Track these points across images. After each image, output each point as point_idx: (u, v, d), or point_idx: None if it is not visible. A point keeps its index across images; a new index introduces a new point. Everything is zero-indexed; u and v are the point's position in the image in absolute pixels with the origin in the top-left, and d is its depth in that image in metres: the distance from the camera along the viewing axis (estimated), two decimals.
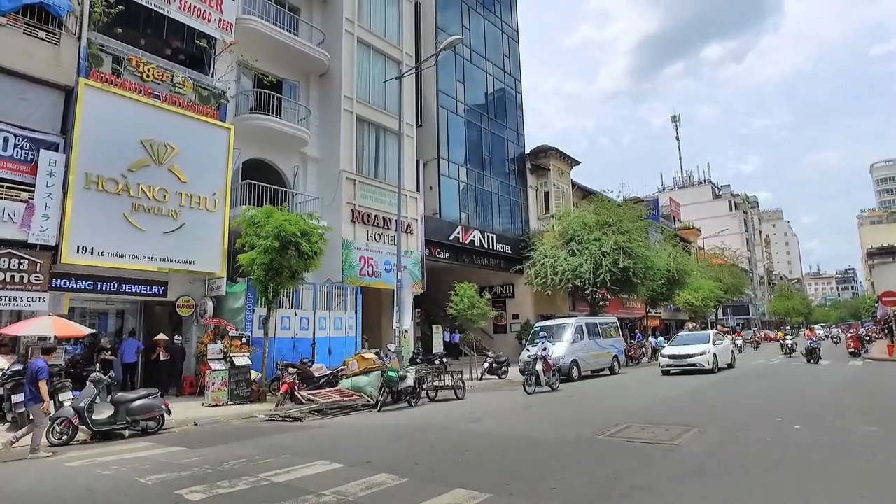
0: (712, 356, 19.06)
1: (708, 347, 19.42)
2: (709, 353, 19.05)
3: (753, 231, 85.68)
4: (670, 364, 19.53)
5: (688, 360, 19.07)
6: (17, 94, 12.17)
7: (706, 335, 21.40)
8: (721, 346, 20.67)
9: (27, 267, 11.70)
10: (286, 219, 13.34)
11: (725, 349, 21.14)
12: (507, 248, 27.09)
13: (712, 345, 19.59)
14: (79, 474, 6.66)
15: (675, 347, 20.41)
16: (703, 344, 19.82)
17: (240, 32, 16.42)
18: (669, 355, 19.87)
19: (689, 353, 19.34)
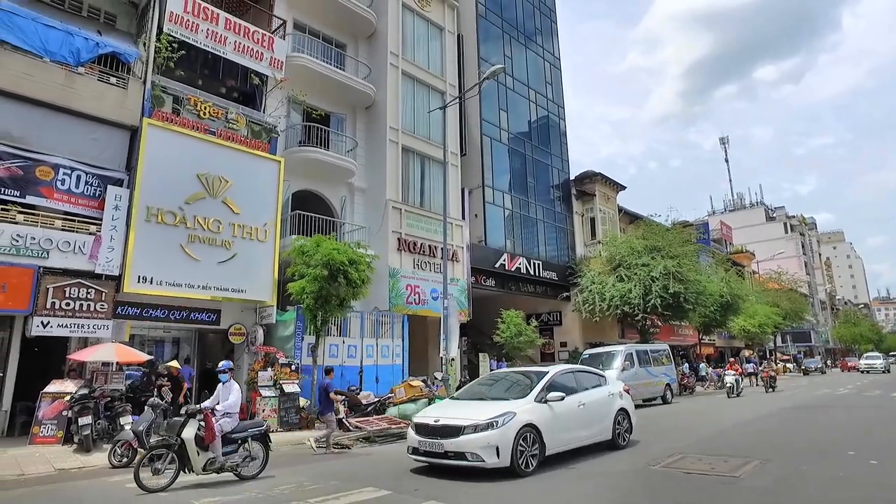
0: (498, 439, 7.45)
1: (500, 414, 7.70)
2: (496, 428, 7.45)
3: (812, 254, 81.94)
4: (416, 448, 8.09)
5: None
6: (89, 135, 13.04)
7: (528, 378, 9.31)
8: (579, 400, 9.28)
9: (94, 296, 12.33)
10: (335, 248, 13.64)
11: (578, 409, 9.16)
12: (554, 275, 26.80)
13: (533, 402, 8.13)
14: (139, 496, 6.87)
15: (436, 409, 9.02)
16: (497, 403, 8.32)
17: (290, 69, 17.14)
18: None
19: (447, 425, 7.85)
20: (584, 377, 9.70)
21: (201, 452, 7.37)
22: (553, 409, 8.16)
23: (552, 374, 8.97)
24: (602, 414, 9.27)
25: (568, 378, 9.27)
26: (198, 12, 14.95)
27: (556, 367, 9.81)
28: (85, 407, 10.14)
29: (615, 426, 9.43)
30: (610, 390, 9.80)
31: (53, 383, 11.21)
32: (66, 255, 11.99)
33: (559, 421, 8.20)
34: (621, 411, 9.69)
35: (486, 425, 7.39)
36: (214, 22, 15.31)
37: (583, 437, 8.77)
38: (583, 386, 9.31)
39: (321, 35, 19.81)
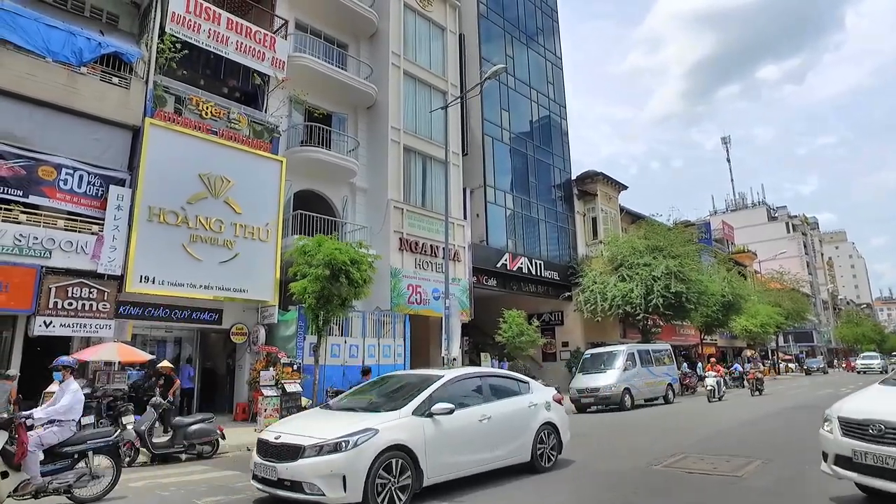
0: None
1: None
2: (343, 450, 5.83)
3: (814, 254, 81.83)
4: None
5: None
6: (91, 135, 13.07)
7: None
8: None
9: (96, 296, 12.36)
10: (336, 247, 13.63)
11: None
12: (556, 275, 26.78)
13: (410, 417, 6.52)
14: (142, 495, 6.88)
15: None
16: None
17: (292, 69, 17.15)
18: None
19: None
20: (497, 383, 7.95)
21: (11, 473, 5.82)
22: (440, 426, 6.44)
23: (445, 379, 7.10)
24: (517, 429, 7.50)
25: (469, 385, 7.49)
26: (199, 12, 14.97)
27: (456, 370, 8.02)
28: (87, 406, 10.14)
29: (536, 444, 7.64)
30: (532, 400, 7.98)
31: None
32: (68, 255, 12.02)
33: (448, 440, 6.48)
34: (547, 426, 7.92)
35: (333, 446, 5.65)
36: (216, 22, 15.33)
37: (486, 459, 6.98)
38: (492, 395, 7.54)
39: (323, 35, 19.82)
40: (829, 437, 5.43)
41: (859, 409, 5.28)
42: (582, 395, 18.34)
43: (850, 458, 5.06)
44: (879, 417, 4.94)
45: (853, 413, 5.27)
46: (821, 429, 5.65)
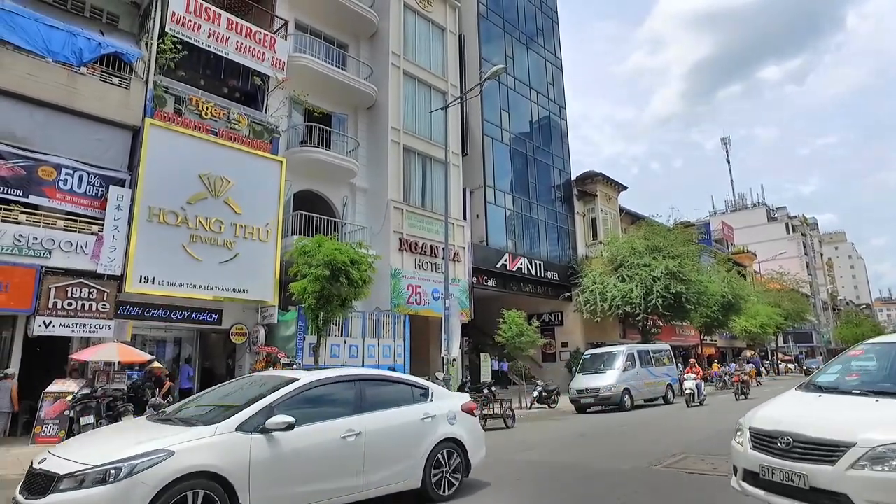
0: None
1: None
2: (111, 482, 4.32)
3: (814, 254, 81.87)
4: None
5: None
6: (91, 135, 13.06)
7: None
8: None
9: (96, 296, 12.35)
10: (336, 248, 13.64)
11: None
12: (555, 276, 26.79)
13: (232, 433, 5.04)
14: None
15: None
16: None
17: (291, 70, 17.15)
18: None
19: None
20: (379, 390, 6.24)
21: None
22: (276, 445, 4.97)
23: (300, 384, 5.55)
24: (403, 448, 5.98)
25: (336, 392, 5.88)
26: (200, 13, 14.97)
27: (322, 372, 6.18)
28: (87, 407, 10.16)
29: (430, 467, 6.10)
30: (428, 410, 6.35)
31: (55, 383, 11.23)
32: (68, 255, 12.02)
33: (289, 464, 5.01)
34: (448, 444, 6.37)
35: (97, 476, 4.19)
36: (216, 22, 15.33)
37: (350, 487, 5.44)
38: (369, 404, 5.89)
39: (323, 35, 19.82)
40: (738, 449, 4.83)
41: (770, 419, 4.71)
42: (582, 396, 18.35)
43: (758, 474, 4.49)
44: (788, 429, 4.39)
45: (764, 423, 4.68)
46: (733, 440, 5.02)
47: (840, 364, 5.60)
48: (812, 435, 4.21)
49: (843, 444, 3.99)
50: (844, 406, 4.66)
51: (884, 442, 3.86)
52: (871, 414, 4.27)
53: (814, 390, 5.14)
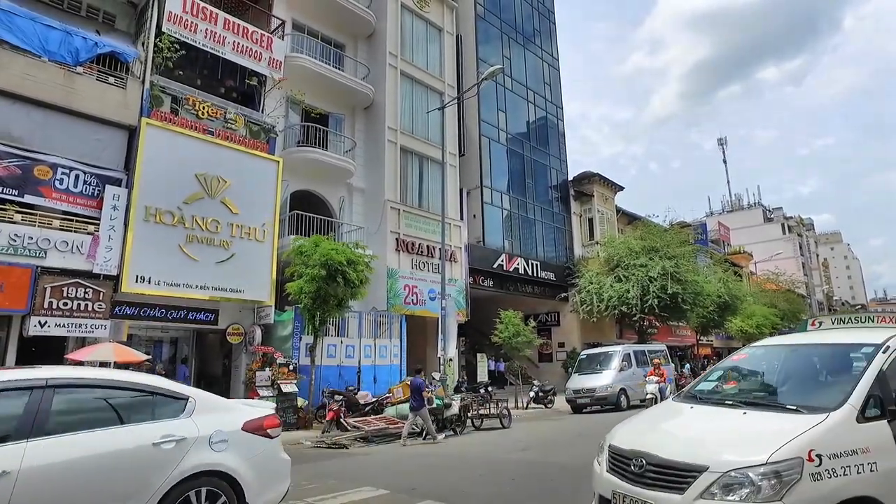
0: None
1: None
2: None
3: (810, 255, 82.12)
4: None
5: None
6: (87, 135, 13.03)
7: None
8: None
9: (91, 296, 12.33)
10: (333, 248, 13.66)
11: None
12: (552, 276, 26.83)
13: None
14: None
15: None
16: None
17: (289, 70, 17.14)
18: None
19: None
20: (83, 401, 4.23)
21: None
22: None
23: None
24: (106, 492, 3.94)
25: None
26: (196, 12, 14.95)
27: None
28: None
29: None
30: (172, 430, 4.28)
31: None
32: (63, 255, 11.99)
33: None
34: (207, 479, 4.35)
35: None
36: (213, 22, 15.31)
37: None
38: (60, 422, 3.90)
39: (320, 35, 19.83)
40: (596, 471, 4.20)
41: (631, 435, 4.08)
42: (578, 396, 18.39)
43: (610, 502, 3.84)
44: (644, 448, 3.71)
45: (624, 440, 4.02)
46: (595, 459, 4.35)
47: (721, 370, 5.10)
48: (664, 456, 3.59)
49: (695, 467, 3.39)
50: (710, 420, 4.05)
51: (738, 465, 3.25)
52: (735, 429, 3.71)
53: (689, 400, 4.56)
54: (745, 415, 3.85)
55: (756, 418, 3.77)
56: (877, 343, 4.01)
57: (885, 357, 3.85)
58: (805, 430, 3.35)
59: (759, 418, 3.77)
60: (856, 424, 3.47)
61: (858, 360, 3.98)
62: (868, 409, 3.55)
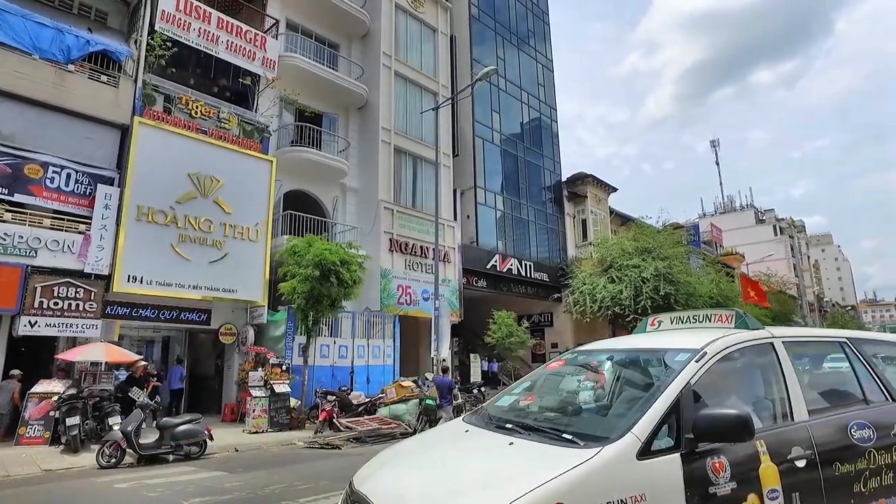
0: None
1: None
2: None
3: (801, 256, 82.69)
4: None
5: None
6: (79, 133, 12.97)
7: None
8: None
9: (82, 295, 12.25)
10: (326, 248, 13.64)
11: None
12: (546, 276, 26.88)
13: None
14: (127, 496, 6.84)
15: None
16: None
17: (282, 69, 17.10)
18: None
19: None
20: None
21: None
22: None
23: None
24: None
25: None
26: (190, 11, 14.90)
27: None
28: (73, 407, 10.08)
29: None
30: None
31: (41, 383, 11.12)
32: (54, 254, 11.92)
33: None
34: None
35: None
36: (206, 21, 15.26)
37: None
38: None
39: (314, 35, 19.78)
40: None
41: (369, 475, 3.21)
42: None
43: None
44: (371, 494, 2.89)
45: (361, 481, 3.14)
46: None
47: (529, 381, 4.21)
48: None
49: None
50: (470, 452, 3.17)
51: None
52: (488, 469, 2.83)
53: (475, 419, 3.66)
54: (512, 445, 2.94)
55: (519, 452, 2.89)
56: (694, 349, 3.16)
57: (697, 367, 3.01)
58: (560, 472, 2.46)
59: (523, 452, 2.87)
60: (633, 462, 2.58)
61: (668, 372, 3.13)
62: (658, 439, 2.69)
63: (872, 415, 3.48)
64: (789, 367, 3.35)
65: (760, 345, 3.44)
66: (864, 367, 3.84)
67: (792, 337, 3.69)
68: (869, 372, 3.80)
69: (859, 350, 3.92)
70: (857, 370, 3.80)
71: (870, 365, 3.83)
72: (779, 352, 3.41)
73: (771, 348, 3.42)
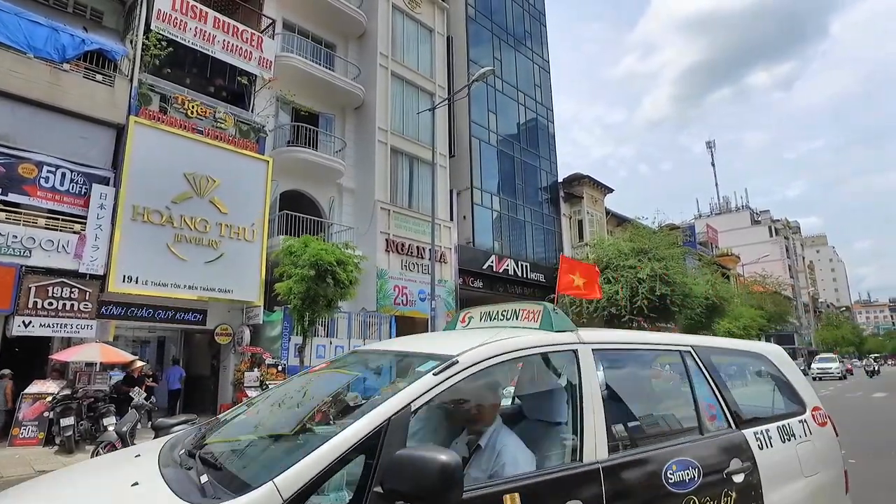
0: None
1: None
2: None
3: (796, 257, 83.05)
4: None
5: None
6: (74, 133, 12.90)
7: None
8: None
9: (77, 295, 12.19)
10: (322, 248, 13.61)
11: None
12: (542, 277, 26.90)
13: None
14: None
15: None
16: None
17: (279, 69, 17.07)
18: None
19: None
20: None
21: None
22: None
23: None
24: None
25: None
26: (186, 10, 14.85)
27: None
28: (67, 408, 10.04)
29: None
30: None
31: (35, 384, 11.08)
32: (49, 254, 11.85)
33: None
34: None
35: None
36: (203, 20, 15.22)
37: None
38: None
39: (311, 35, 19.76)
40: None
41: None
42: None
43: None
44: None
45: None
46: None
47: (280, 388, 3.18)
48: None
49: None
50: (81, 494, 2.21)
51: None
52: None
53: (172, 443, 2.67)
54: (134, 488, 2.03)
55: (132, 500, 1.98)
56: (446, 356, 2.29)
57: (430, 384, 2.13)
58: None
59: (136, 498, 1.98)
60: None
61: (395, 388, 2.21)
62: (322, 494, 1.85)
63: (702, 449, 2.70)
64: (592, 385, 2.47)
65: (557, 353, 2.62)
66: (708, 385, 3.01)
67: (608, 344, 2.86)
68: (713, 390, 3.00)
69: (706, 362, 3.08)
70: (696, 388, 2.96)
71: (716, 382, 3.03)
72: (582, 363, 2.52)
73: (573, 358, 2.54)
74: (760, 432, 2.96)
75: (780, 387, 3.46)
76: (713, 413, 2.95)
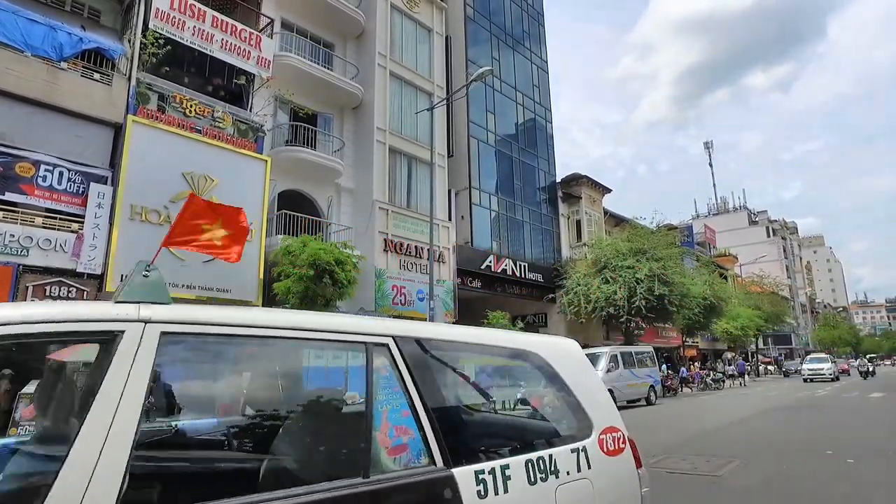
0: None
1: None
2: None
3: (793, 258, 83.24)
4: None
5: None
6: (72, 132, 12.86)
7: None
8: None
9: (75, 295, 12.15)
10: (321, 248, 13.60)
11: None
12: (540, 277, 26.92)
13: None
14: None
15: None
16: None
17: (277, 68, 17.04)
18: None
19: None
20: None
21: None
22: None
23: None
24: None
25: None
26: (184, 9, 14.82)
27: None
28: None
29: None
30: None
31: (32, 384, 11.01)
32: (46, 254, 11.81)
33: None
34: None
35: None
36: (201, 19, 15.18)
37: None
38: None
39: (309, 34, 19.73)
40: None
41: None
42: None
43: None
44: None
45: None
46: None
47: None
48: None
49: None
50: None
51: None
52: None
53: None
54: None
55: None
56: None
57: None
58: None
59: None
60: None
61: None
62: None
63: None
64: (130, 395, 1.56)
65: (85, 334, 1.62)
66: (408, 395, 2.09)
67: (200, 325, 1.79)
68: (415, 403, 2.06)
69: (414, 362, 2.22)
70: (376, 402, 2.09)
71: (420, 391, 2.11)
72: (136, 353, 1.61)
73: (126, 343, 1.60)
74: (488, 471, 1.94)
75: (557, 400, 2.52)
76: (403, 441, 2.02)
